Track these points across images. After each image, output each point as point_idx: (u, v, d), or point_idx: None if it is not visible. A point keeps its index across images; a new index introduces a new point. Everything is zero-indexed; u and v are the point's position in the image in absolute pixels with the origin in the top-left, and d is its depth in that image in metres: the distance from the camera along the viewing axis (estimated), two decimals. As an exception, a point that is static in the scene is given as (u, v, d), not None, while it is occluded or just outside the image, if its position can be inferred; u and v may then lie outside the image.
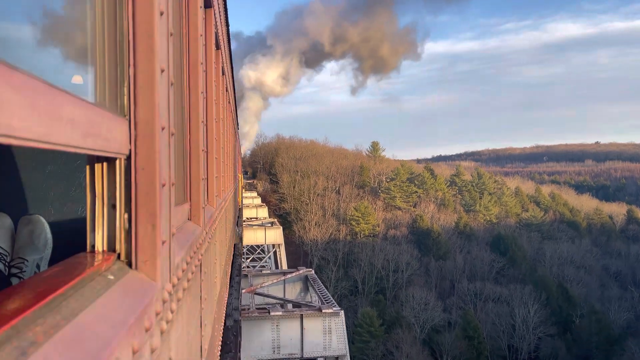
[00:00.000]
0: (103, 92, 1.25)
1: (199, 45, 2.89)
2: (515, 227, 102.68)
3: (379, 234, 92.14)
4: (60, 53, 1.44)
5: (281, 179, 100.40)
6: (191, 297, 2.22)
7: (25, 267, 2.60)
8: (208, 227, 3.28)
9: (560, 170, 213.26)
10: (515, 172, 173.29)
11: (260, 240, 36.60)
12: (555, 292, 76.90)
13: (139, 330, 1.12)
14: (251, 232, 35.81)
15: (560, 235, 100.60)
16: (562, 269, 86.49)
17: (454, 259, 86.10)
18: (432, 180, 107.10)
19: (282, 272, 18.89)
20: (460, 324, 68.96)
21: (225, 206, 6.79)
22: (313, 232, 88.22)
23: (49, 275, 1.00)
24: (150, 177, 1.33)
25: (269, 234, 36.79)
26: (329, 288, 71.23)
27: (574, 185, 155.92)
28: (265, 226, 38.41)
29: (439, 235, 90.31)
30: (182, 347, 1.81)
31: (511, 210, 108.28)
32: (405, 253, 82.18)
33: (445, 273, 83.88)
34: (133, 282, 1.24)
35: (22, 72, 0.70)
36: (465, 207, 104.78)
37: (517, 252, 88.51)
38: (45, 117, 0.76)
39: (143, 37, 1.33)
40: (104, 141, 1.07)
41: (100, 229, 1.26)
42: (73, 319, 0.85)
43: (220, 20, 5.04)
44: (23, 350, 0.68)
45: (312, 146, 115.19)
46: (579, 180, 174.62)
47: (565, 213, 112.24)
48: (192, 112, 2.81)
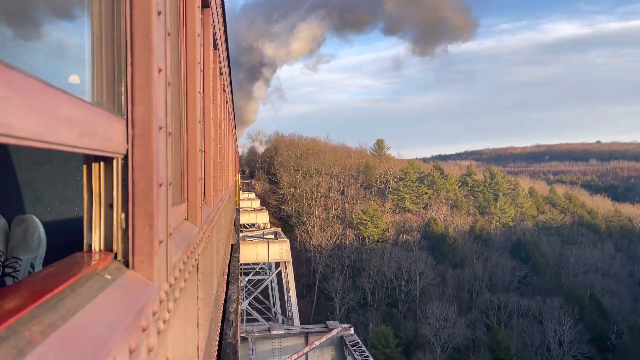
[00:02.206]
0: (100, 91, 1.25)
1: (197, 45, 2.89)
2: (533, 231, 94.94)
3: (389, 239, 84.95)
4: (58, 52, 1.43)
5: (281, 178, 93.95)
6: (188, 297, 2.22)
7: (19, 266, 2.59)
8: (205, 227, 3.27)
9: (565, 169, 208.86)
10: (518, 171, 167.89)
11: (262, 256, 29.33)
12: (589, 304, 68.74)
13: (136, 329, 1.12)
14: (250, 248, 28.61)
15: (581, 240, 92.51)
16: (588, 277, 78.66)
17: (472, 267, 78.12)
18: (442, 180, 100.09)
19: (303, 332, 12.08)
20: (487, 343, 61.33)
21: (223, 206, 6.78)
22: (317, 237, 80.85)
23: (46, 275, 1.00)
24: (147, 177, 1.33)
25: (273, 250, 29.34)
26: (336, 300, 66.71)
27: (581, 186, 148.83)
28: (267, 239, 31.28)
29: (455, 241, 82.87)
30: (179, 346, 1.81)
31: (526, 212, 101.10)
32: (419, 261, 74.19)
33: (463, 283, 76.38)
34: (130, 281, 1.24)
35: (19, 71, 0.69)
36: (479, 209, 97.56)
37: (540, 258, 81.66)
38: (43, 116, 0.76)
39: (140, 37, 1.33)
40: (101, 140, 1.07)
41: (97, 228, 1.26)
42: (70, 318, 0.85)
43: (218, 20, 5.04)
44: (20, 349, 0.68)
45: (314, 144, 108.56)
46: (586, 180, 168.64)
47: (584, 215, 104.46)
48: (190, 112, 2.81)
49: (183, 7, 2.63)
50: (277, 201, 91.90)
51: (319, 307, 69.66)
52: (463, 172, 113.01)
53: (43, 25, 1.33)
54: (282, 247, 29.76)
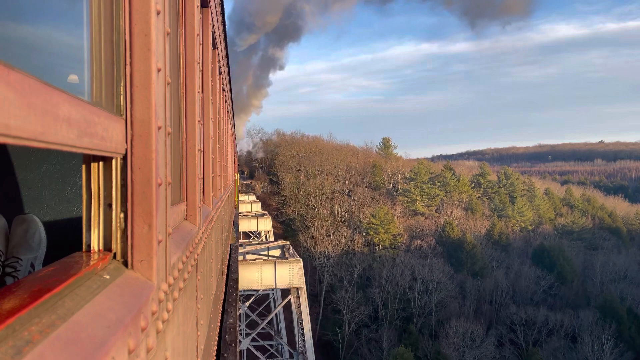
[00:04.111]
0: (99, 91, 1.25)
1: (196, 45, 2.89)
2: (553, 235, 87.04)
3: (401, 245, 76.75)
4: (57, 52, 1.43)
5: (283, 179, 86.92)
6: (187, 297, 2.22)
7: (20, 266, 2.59)
8: (204, 227, 3.27)
9: (570, 169, 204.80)
10: (523, 171, 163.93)
11: (267, 281, 21.69)
12: (627, 319, 61.29)
13: (135, 329, 1.12)
14: (252, 271, 21.32)
15: (605, 244, 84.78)
16: (617, 287, 70.47)
17: (494, 276, 70.19)
18: (454, 180, 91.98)
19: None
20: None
21: (222, 206, 6.78)
22: (323, 243, 72.57)
23: (45, 275, 1.00)
24: (146, 177, 1.33)
25: (282, 273, 21.70)
26: (344, 313, 59.72)
27: (589, 186, 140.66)
28: (274, 259, 23.04)
29: (474, 247, 74.10)
30: (178, 347, 1.81)
31: (544, 215, 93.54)
32: (435, 269, 65.61)
33: (484, 294, 67.80)
34: (129, 281, 1.24)
35: (18, 71, 0.69)
36: (496, 212, 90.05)
37: (566, 266, 73.67)
38: (42, 116, 0.76)
39: (140, 36, 1.33)
40: (100, 140, 1.07)
41: (96, 228, 1.26)
42: (69, 318, 0.85)
43: (217, 20, 5.04)
44: (19, 349, 0.68)
45: (316, 142, 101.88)
46: (594, 180, 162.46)
47: (604, 218, 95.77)
48: (189, 112, 2.81)
49: (182, 7, 2.63)
50: (279, 204, 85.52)
51: (326, 321, 63.19)
52: (471, 172, 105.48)
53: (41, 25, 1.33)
54: (294, 269, 21.97)
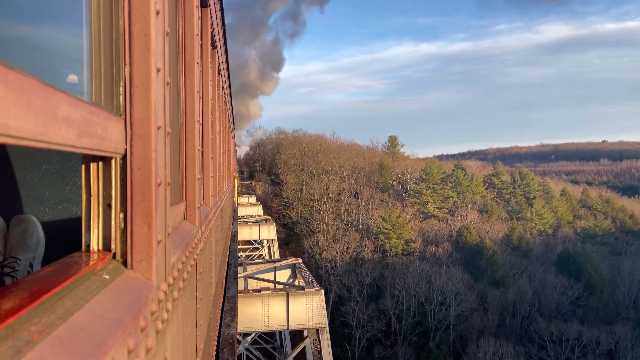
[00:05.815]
0: (99, 91, 1.25)
1: (195, 45, 2.89)
2: (574, 240, 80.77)
3: (415, 251, 69.99)
4: (56, 52, 1.43)
5: (285, 179, 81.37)
6: (187, 297, 2.22)
7: (18, 266, 2.59)
8: (204, 227, 3.27)
9: (576, 169, 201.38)
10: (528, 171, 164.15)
11: (277, 321, 13.48)
12: None
13: (135, 329, 1.12)
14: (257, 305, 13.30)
15: (629, 249, 79.32)
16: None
17: (517, 285, 63.73)
18: (467, 181, 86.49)
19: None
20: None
21: (221, 206, 6.78)
22: (330, 249, 66.06)
23: (44, 275, 1.00)
24: (145, 177, 1.33)
25: (297, 309, 13.57)
26: (355, 327, 54.19)
27: (601, 186, 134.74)
28: (287, 290, 13.61)
29: (494, 254, 67.55)
30: (177, 346, 1.81)
31: (562, 218, 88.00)
32: (454, 279, 59.21)
33: (507, 305, 61.43)
34: (128, 281, 1.24)
35: (17, 71, 0.69)
36: (513, 214, 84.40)
37: (594, 275, 67.45)
38: (41, 116, 0.75)
39: (139, 36, 1.33)
40: (99, 140, 1.07)
41: (95, 228, 1.26)
42: (68, 318, 0.85)
43: (217, 20, 5.04)
44: (18, 349, 0.68)
45: (320, 141, 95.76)
46: (602, 180, 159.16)
47: (626, 220, 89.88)
48: (188, 112, 2.81)
49: (182, 7, 2.63)
50: (281, 206, 79.05)
51: (334, 335, 49.46)
52: (481, 172, 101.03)
53: (41, 25, 1.33)
54: (313, 304, 14.13)
